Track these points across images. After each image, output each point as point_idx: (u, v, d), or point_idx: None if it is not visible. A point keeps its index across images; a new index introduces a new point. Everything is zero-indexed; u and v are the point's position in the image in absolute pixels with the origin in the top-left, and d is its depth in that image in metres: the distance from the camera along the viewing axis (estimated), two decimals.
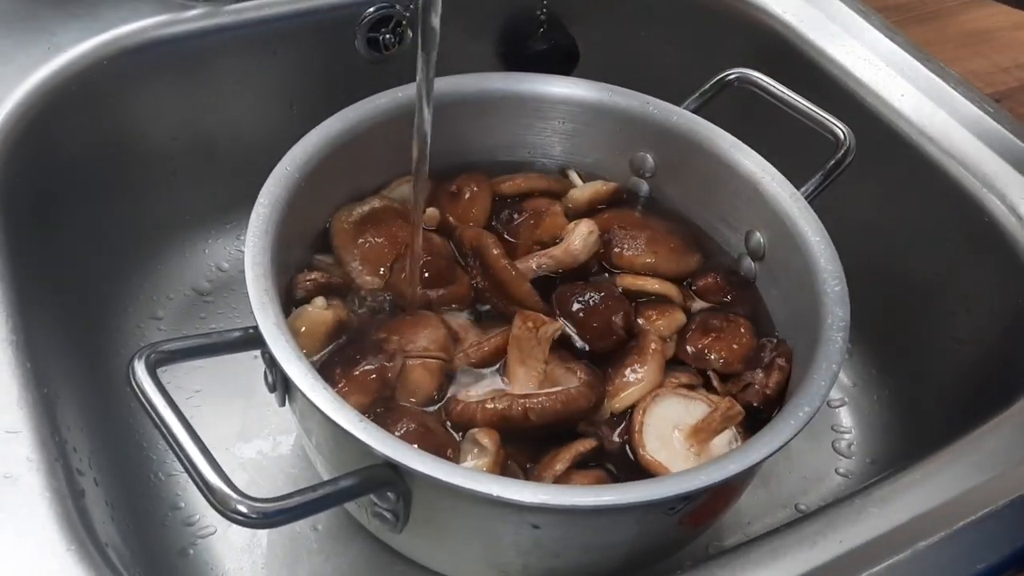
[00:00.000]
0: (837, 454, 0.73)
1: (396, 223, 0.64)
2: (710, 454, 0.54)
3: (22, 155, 0.63)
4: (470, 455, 0.53)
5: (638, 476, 0.53)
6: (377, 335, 0.58)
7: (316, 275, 0.60)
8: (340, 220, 0.63)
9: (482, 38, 0.82)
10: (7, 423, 0.48)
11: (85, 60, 0.67)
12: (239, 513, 0.43)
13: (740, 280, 0.64)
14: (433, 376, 0.56)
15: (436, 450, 0.52)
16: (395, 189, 0.67)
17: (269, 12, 0.72)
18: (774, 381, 0.56)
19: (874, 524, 0.47)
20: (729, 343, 0.60)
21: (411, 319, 0.59)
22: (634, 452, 0.55)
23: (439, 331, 0.58)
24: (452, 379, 0.58)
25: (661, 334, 0.60)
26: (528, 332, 0.57)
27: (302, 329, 0.56)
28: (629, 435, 0.55)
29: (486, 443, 0.53)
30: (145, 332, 0.74)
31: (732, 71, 0.69)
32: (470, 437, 0.54)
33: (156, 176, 0.75)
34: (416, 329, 0.58)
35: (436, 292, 0.61)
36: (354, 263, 0.62)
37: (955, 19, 0.89)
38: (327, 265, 0.62)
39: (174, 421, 0.45)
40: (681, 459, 0.54)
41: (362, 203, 0.64)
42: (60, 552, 0.44)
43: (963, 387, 0.68)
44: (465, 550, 0.54)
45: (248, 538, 0.64)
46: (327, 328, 0.57)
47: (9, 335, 0.52)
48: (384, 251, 0.62)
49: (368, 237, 0.63)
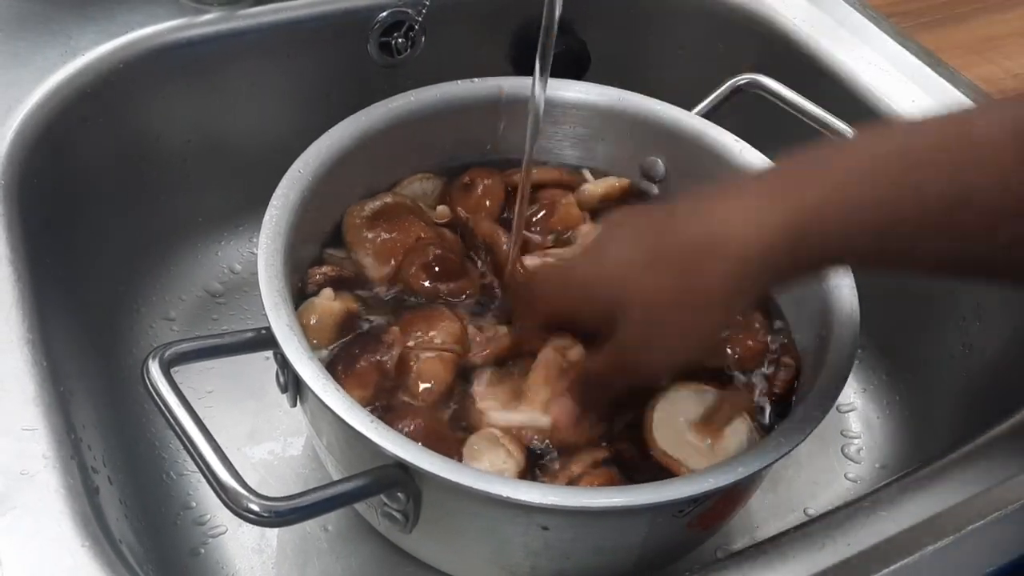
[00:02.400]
0: (846, 459, 0.73)
1: (408, 218, 0.64)
2: (725, 446, 0.54)
3: (39, 157, 0.63)
4: (487, 455, 0.53)
5: (652, 472, 0.53)
6: (384, 328, 0.58)
7: (327, 269, 0.61)
8: (352, 215, 0.64)
9: (494, 42, 0.82)
10: (24, 421, 0.49)
11: (101, 64, 0.68)
12: (251, 512, 0.43)
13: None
14: (448, 369, 0.56)
15: (440, 446, 0.52)
16: (407, 186, 0.67)
17: (283, 17, 0.73)
18: (781, 379, 0.57)
19: (882, 527, 0.47)
20: (744, 340, 0.60)
21: (426, 312, 0.59)
22: (646, 449, 0.54)
23: (455, 324, 0.58)
24: (467, 375, 0.58)
25: None
26: (558, 357, 0.56)
27: (311, 321, 0.57)
28: (641, 432, 0.55)
29: (512, 449, 0.53)
30: (158, 333, 0.75)
31: (743, 76, 0.70)
32: (488, 436, 0.54)
33: (170, 178, 0.76)
34: (431, 322, 0.58)
35: (446, 285, 0.61)
36: (366, 258, 0.62)
37: (965, 25, 0.89)
38: (338, 259, 0.63)
39: (187, 420, 0.46)
40: (695, 452, 0.54)
41: (374, 199, 0.65)
42: (75, 548, 0.44)
43: (973, 393, 0.68)
44: (474, 551, 0.54)
45: (258, 538, 0.64)
46: (336, 320, 0.57)
47: (26, 334, 0.52)
48: (396, 245, 0.63)
49: (380, 232, 0.63)
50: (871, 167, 0.42)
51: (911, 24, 0.85)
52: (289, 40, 0.74)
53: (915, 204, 0.41)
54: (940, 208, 0.40)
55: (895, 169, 0.41)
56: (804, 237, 0.42)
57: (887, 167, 0.42)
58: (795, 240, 0.42)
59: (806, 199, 0.42)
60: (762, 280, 0.45)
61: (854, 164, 0.43)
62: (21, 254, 0.57)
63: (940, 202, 0.40)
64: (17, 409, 0.49)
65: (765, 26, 0.80)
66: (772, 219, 0.42)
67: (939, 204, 0.40)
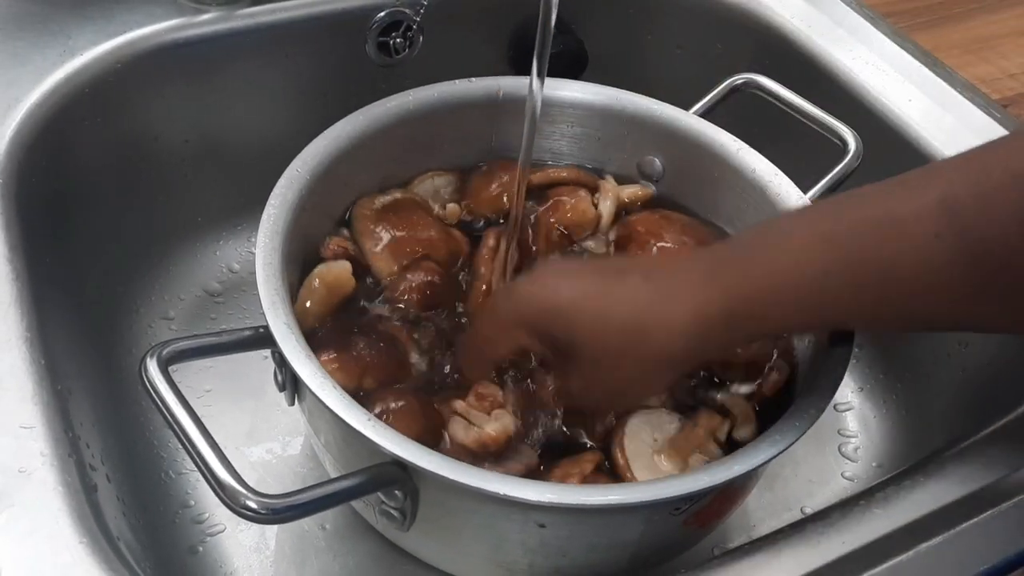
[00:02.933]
0: (843, 458, 0.73)
1: (416, 214, 0.64)
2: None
3: (37, 156, 0.64)
4: (477, 422, 0.54)
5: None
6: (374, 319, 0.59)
7: (347, 243, 0.61)
8: (362, 207, 0.64)
9: (492, 42, 0.83)
10: (22, 419, 0.49)
11: (100, 63, 0.68)
12: (248, 508, 0.43)
13: None
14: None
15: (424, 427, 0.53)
16: (419, 184, 0.68)
17: (281, 16, 0.73)
18: (772, 381, 0.57)
19: (877, 525, 0.48)
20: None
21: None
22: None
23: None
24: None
25: None
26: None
27: (315, 284, 0.57)
28: (616, 470, 0.55)
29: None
30: (157, 332, 0.75)
31: (740, 76, 0.70)
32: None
33: (169, 178, 0.76)
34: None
35: (426, 313, 0.61)
36: (372, 251, 0.62)
37: (962, 24, 0.89)
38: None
39: (185, 417, 0.46)
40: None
41: (385, 193, 0.65)
42: (72, 545, 0.44)
43: (970, 391, 0.68)
44: (472, 549, 0.54)
45: (257, 536, 0.64)
46: (344, 292, 0.58)
47: (24, 332, 0.53)
48: (403, 248, 0.63)
49: (388, 228, 0.63)
50: (803, 246, 0.46)
51: (908, 24, 0.85)
52: (287, 40, 0.74)
53: (842, 282, 0.44)
54: (868, 284, 0.44)
55: (826, 248, 0.45)
56: (738, 317, 0.46)
57: (820, 246, 0.45)
58: (730, 320, 0.47)
59: (742, 286, 0.47)
60: (702, 349, 0.49)
61: (788, 246, 0.47)
62: (20, 253, 0.57)
63: (866, 278, 0.44)
64: (15, 407, 0.49)
65: (763, 26, 0.81)
66: (709, 304, 0.47)
67: (866, 280, 0.44)
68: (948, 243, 0.41)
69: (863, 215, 0.45)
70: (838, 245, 0.44)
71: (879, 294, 0.44)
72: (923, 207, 0.42)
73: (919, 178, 0.45)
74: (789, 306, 0.46)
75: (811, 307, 0.46)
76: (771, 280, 0.46)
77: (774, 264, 0.46)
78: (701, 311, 0.46)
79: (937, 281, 0.42)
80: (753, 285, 0.46)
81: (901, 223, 0.43)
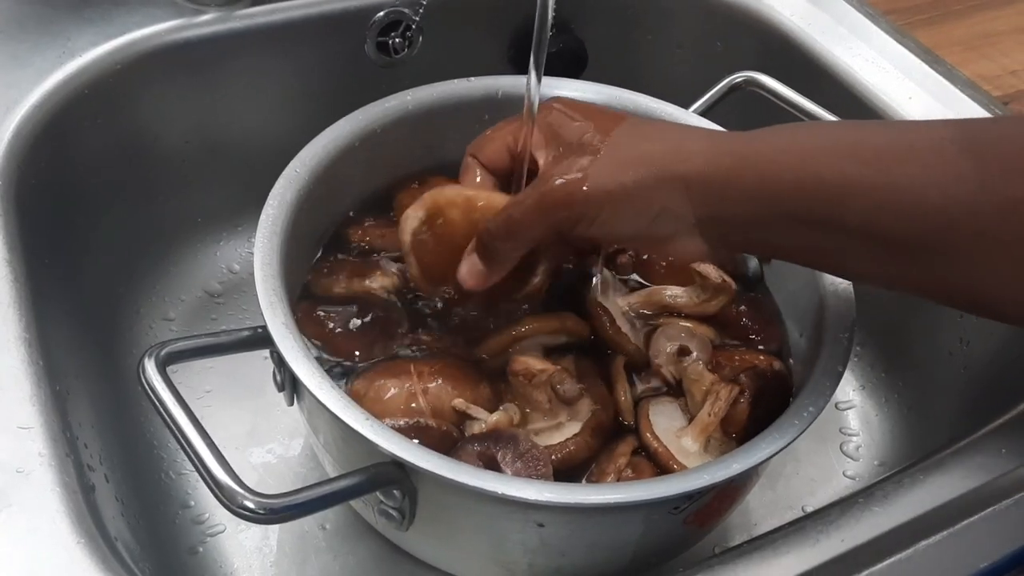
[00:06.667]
0: (845, 456, 0.73)
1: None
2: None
3: (37, 157, 0.64)
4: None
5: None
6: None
7: (382, 230, 0.62)
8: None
9: (492, 41, 0.83)
10: (20, 419, 0.49)
11: (99, 64, 0.68)
12: (246, 509, 0.43)
13: (747, 282, 0.64)
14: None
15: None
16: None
17: (280, 17, 0.73)
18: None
19: (876, 523, 0.47)
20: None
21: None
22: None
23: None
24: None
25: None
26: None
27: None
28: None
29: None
30: (157, 332, 0.75)
31: (740, 74, 0.70)
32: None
33: (168, 179, 0.76)
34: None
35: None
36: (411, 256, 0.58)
37: (963, 22, 0.89)
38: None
39: (182, 417, 0.46)
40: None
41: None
42: (70, 545, 0.44)
43: (971, 389, 0.68)
44: (471, 548, 0.54)
45: (257, 537, 0.64)
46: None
47: (23, 333, 0.53)
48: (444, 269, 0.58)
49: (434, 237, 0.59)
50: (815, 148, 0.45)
51: (908, 21, 0.85)
52: (286, 40, 0.74)
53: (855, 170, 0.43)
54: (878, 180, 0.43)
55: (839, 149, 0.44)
56: (747, 180, 0.46)
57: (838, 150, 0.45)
58: (740, 181, 0.46)
59: (747, 152, 0.47)
60: (719, 198, 0.47)
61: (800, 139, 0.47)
62: (19, 254, 0.57)
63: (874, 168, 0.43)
64: (13, 407, 0.49)
65: (763, 24, 0.80)
66: (719, 157, 0.47)
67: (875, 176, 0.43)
68: (960, 146, 0.41)
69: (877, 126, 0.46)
70: (855, 144, 0.44)
71: (886, 197, 0.42)
72: (936, 124, 0.43)
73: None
74: (789, 179, 0.45)
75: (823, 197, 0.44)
76: (774, 146, 0.46)
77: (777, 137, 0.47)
78: (712, 161, 0.47)
79: (946, 179, 0.41)
80: (754, 148, 0.47)
81: (914, 130, 0.44)
